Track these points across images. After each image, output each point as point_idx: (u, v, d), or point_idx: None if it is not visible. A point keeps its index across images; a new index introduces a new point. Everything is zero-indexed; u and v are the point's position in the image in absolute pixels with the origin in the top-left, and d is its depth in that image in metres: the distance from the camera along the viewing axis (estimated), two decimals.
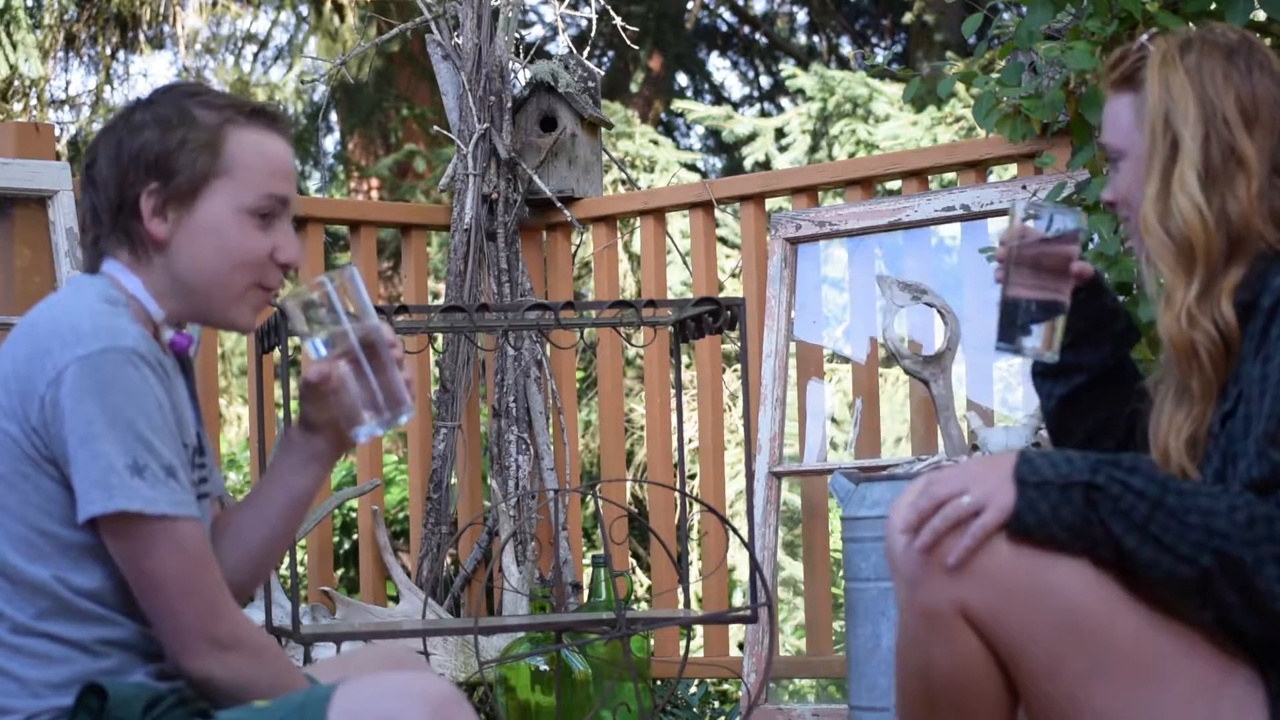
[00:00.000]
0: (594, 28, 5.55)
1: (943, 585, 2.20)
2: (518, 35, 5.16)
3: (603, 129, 5.21)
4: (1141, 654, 2.19)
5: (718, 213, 4.99)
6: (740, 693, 4.63)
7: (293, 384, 3.18)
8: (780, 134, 9.04)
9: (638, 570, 7.15)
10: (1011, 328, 2.40)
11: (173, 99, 2.33)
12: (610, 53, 11.46)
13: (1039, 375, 2.57)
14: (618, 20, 5.53)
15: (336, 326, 2.26)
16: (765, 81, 12.33)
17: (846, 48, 12.00)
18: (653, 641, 4.70)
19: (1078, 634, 2.18)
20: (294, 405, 3.27)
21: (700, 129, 11.32)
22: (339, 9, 10.08)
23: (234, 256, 2.29)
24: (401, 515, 6.90)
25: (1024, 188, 4.20)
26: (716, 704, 5.34)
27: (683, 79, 12.08)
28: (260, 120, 2.33)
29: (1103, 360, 2.52)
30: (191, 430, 2.31)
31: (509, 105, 5.04)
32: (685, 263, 6.11)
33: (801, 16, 12.46)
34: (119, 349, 2.17)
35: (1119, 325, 2.53)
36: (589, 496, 5.56)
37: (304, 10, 10.88)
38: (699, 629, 5.35)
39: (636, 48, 7.47)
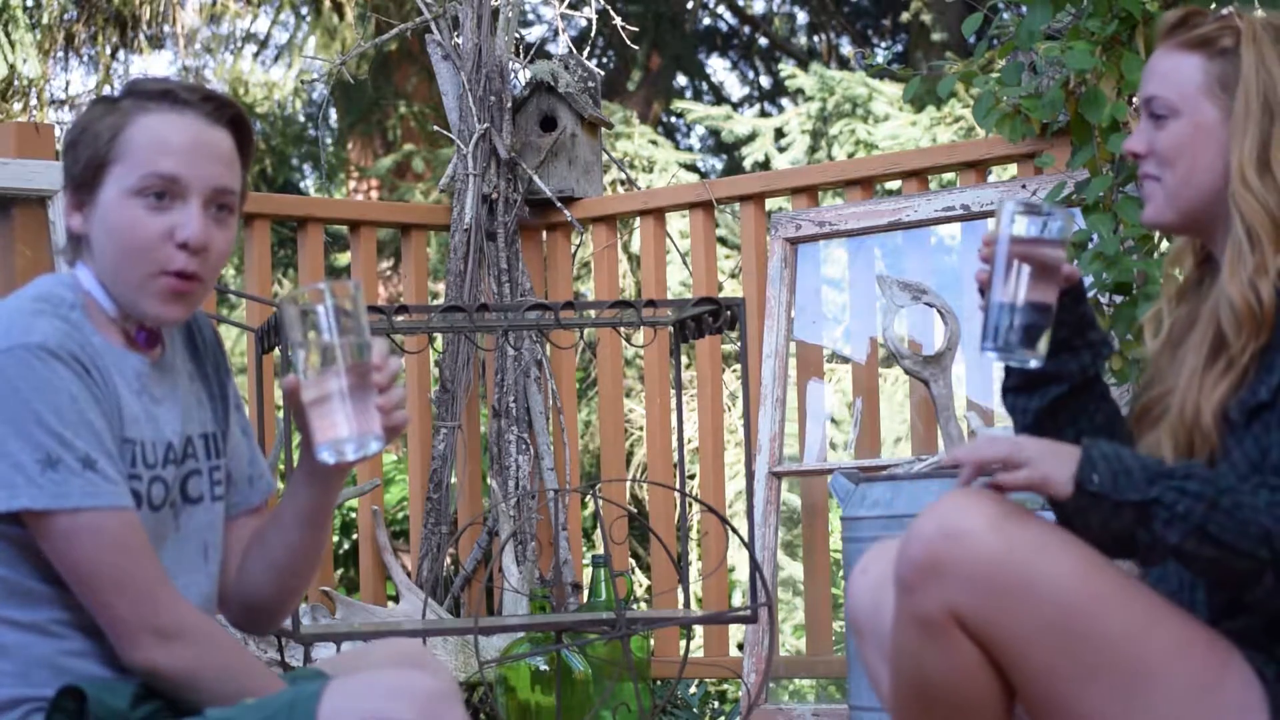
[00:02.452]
0: (594, 28, 5.55)
1: (935, 590, 2.19)
2: (518, 35, 5.16)
3: (603, 129, 5.21)
4: (1135, 653, 2.20)
5: (717, 213, 4.99)
6: (740, 693, 4.63)
7: None
8: (780, 134, 9.04)
9: (638, 570, 7.15)
10: (999, 331, 2.36)
11: (120, 92, 2.30)
12: (610, 53, 11.46)
13: (1012, 391, 2.53)
14: (617, 20, 5.53)
15: (325, 339, 2.18)
16: (765, 82, 12.33)
17: (846, 48, 12.00)
18: (653, 641, 4.70)
19: (1070, 634, 2.18)
20: None
21: (700, 129, 11.32)
22: (338, 8, 10.07)
23: (121, 241, 2.23)
24: (401, 515, 6.90)
25: (1024, 187, 4.20)
26: (716, 704, 5.34)
27: (682, 79, 12.07)
28: (167, 102, 2.25)
29: (1082, 369, 2.49)
30: (149, 426, 2.26)
31: (509, 105, 5.04)
32: (685, 263, 6.11)
33: (801, 17, 12.45)
34: (25, 346, 2.16)
35: (1095, 334, 2.51)
36: (589, 496, 5.57)
37: (303, 9, 10.88)
38: (699, 629, 5.35)
39: (636, 48, 7.46)
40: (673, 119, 11.65)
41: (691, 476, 6.39)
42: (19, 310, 2.21)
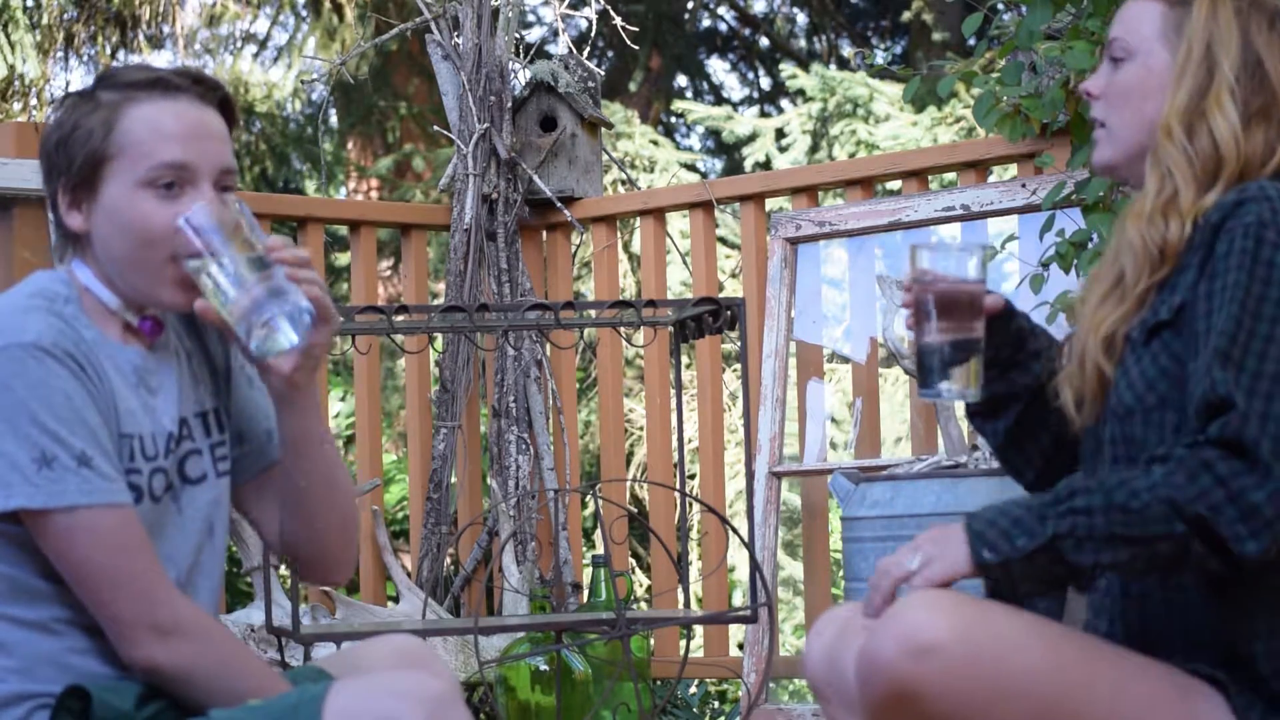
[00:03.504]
0: (594, 28, 5.55)
1: (912, 713, 2.16)
2: (518, 35, 5.16)
3: (603, 129, 5.21)
4: (1118, 715, 2.19)
5: (718, 213, 4.99)
6: (740, 693, 4.63)
7: None
8: (780, 134, 9.04)
9: (638, 570, 7.15)
10: (931, 373, 2.36)
11: (93, 85, 2.29)
12: (610, 53, 11.46)
13: (978, 417, 2.54)
14: (618, 20, 5.53)
15: (226, 265, 2.18)
16: (765, 82, 12.34)
17: (847, 49, 12.00)
18: (653, 641, 4.70)
19: (1054, 717, 2.17)
20: None
21: (700, 129, 11.32)
22: (338, 8, 10.07)
23: (136, 234, 2.23)
24: (401, 515, 6.90)
25: (1024, 186, 4.20)
26: (716, 704, 5.35)
27: (682, 79, 12.08)
28: (158, 90, 2.25)
29: (1035, 379, 2.51)
30: (147, 419, 2.26)
31: (509, 105, 5.04)
32: (685, 263, 6.11)
33: (801, 19, 12.46)
34: (18, 344, 2.16)
35: (1037, 343, 2.53)
36: (589, 496, 5.57)
37: (303, 10, 10.88)
38: (699, 629, 5.35)
39: (636, 48, 7.46)
40: (673, 119, 11.65)
41: (691, 476, 6.39)
42: (12, 308, 2.21)
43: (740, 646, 4.62)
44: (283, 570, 5.29)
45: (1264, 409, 2.14)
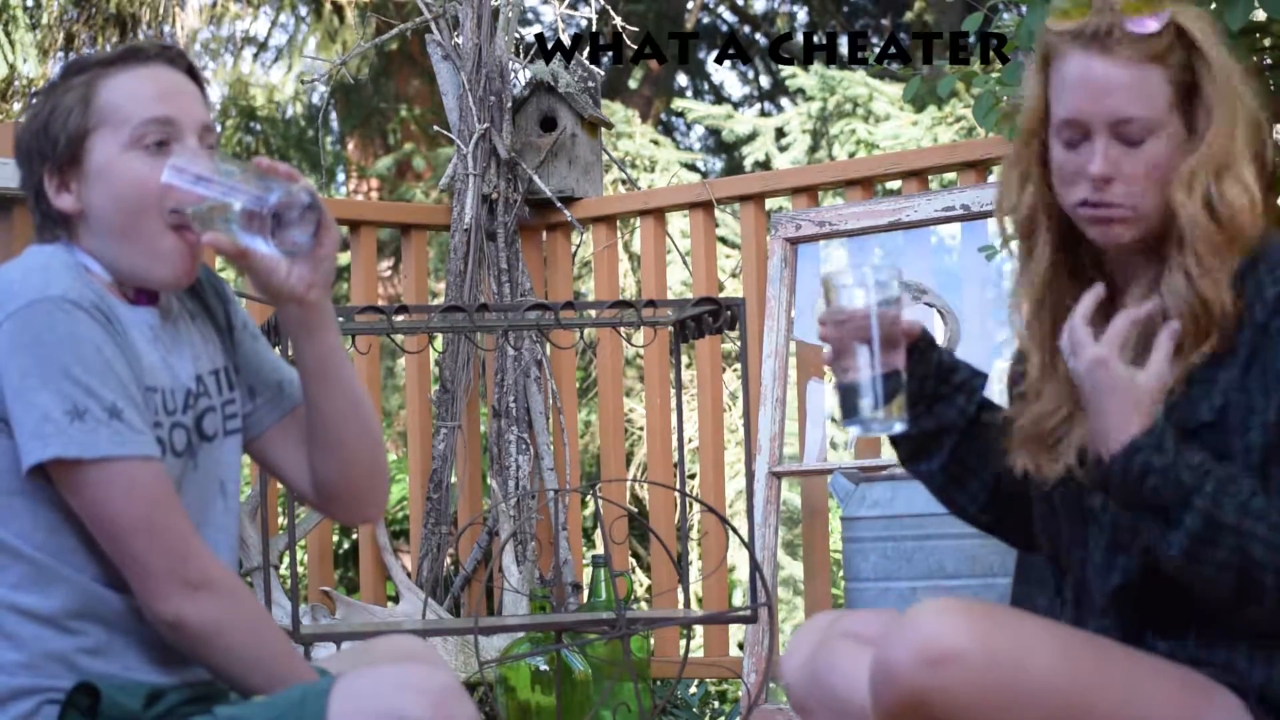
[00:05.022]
0: (594, 28, 5.55)
1: (930, 715, 2.16)
2: (518, 35, 5.16)
3: (603, 129, 5.21)
4: (1132, 716, 2.18)
5: (718, 213, 4.99)
6: (740, 693, 4.63)
7: None
8: (780, 134, 9.04)
9: (638, 570, 7.15)
10: (855, 405, 2.32)
11: (60, 74, 2.31)
12: (610, 52, 11.47)
13: (910, 463, 2.49)
14: (618, 20, 5.52)
15: (236, 203, 2.19)
16: (765, 81, 12.33)
17: (846, 48, 12.00)
18: (653, 641, 4.70)
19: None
20: None
21: (700, 129, 11.33)
22: (338, 9, 10.08)
23: (130, 198, 2.24)
24: (401, 515, 6.90)
25: None
26: (716, 704, 5.34)
27: (683, 79, 12.08)
28: (129, 60, 2.27)
29: (962, 413, 2.45)
30: (166, 374, 2.27)
31: (509, 105, 5.05)
32: (685, 263, 6.11)
33: (802, 16, 12.46)
34: (47, 298, 2.16)
35: (961, 376, 2.46)
36: (589, 496, 5.57)
37: (303, 11, 10.88)
38: (699, 629, 5.35)
39: (636, 47, 7.45)
40: (673, 118, 11.65)
41: (692, 476, 6.39)
42: (31, 268, 2.21)
43: (740, 646, 4.62)
44: (283, 570, 5.29)
45: None
